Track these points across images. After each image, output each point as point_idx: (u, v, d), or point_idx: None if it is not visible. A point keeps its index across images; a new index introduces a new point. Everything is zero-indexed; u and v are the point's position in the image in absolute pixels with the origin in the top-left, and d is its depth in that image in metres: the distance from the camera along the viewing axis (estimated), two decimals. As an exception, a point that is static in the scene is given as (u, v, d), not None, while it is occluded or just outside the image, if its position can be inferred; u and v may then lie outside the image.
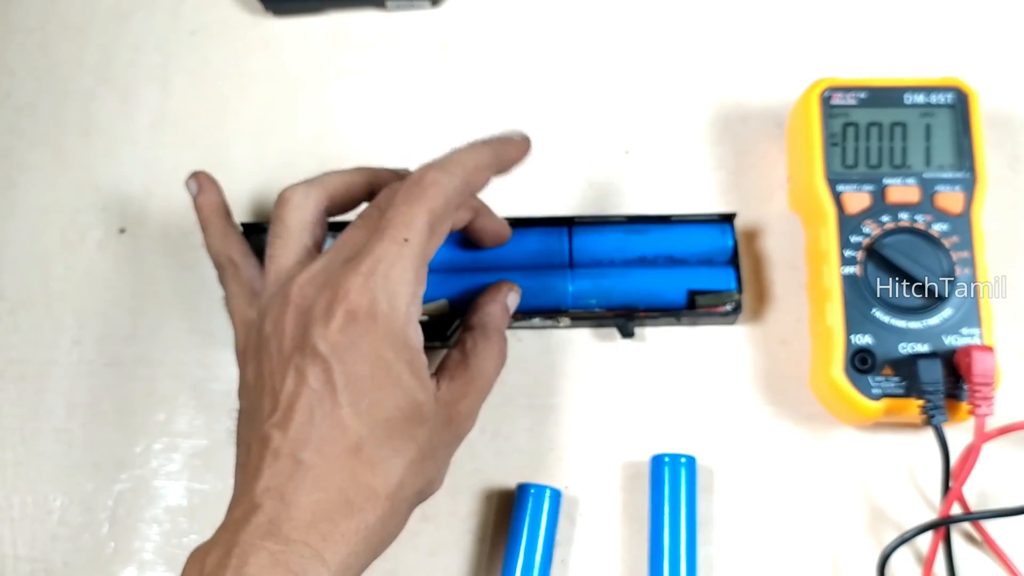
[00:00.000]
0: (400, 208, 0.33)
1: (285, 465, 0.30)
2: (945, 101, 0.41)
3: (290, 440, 0.31)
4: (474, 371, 0.36)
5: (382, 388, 0.31)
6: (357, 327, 0.31)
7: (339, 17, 0.49)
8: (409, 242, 0.32)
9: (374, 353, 0.31)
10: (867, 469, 0.41)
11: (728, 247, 0.42)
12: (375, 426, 0.31)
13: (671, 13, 0.48)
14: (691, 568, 0.38)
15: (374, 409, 0.31)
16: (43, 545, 0.41)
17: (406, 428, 0.32)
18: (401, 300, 0.32)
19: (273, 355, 0.32)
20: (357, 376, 0.31)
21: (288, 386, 0.31)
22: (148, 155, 0.47)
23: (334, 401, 0.31)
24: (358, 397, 0.31)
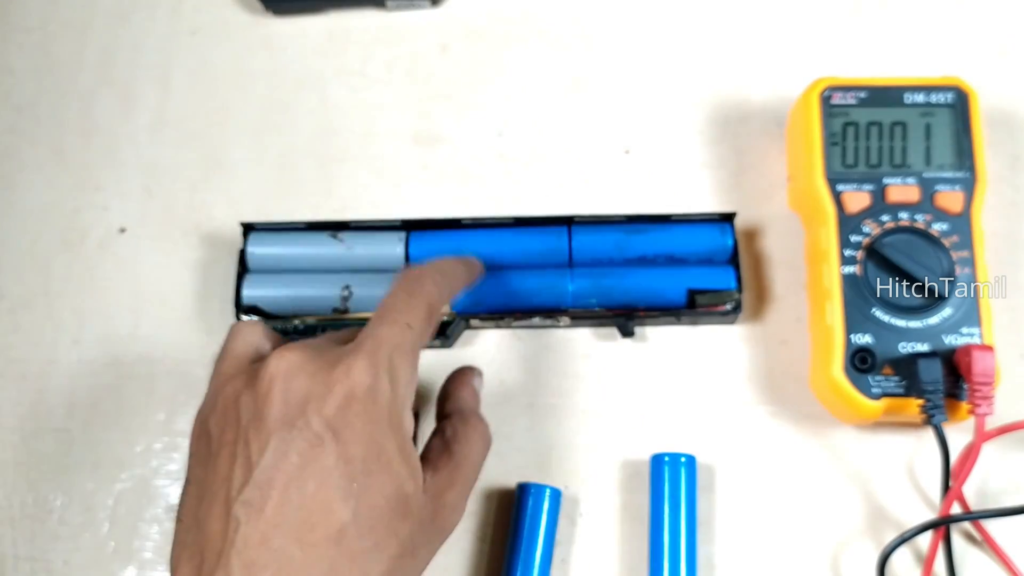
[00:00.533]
0: (401, 297, 0.33)
1: (256, 554, 0.27)
2: (945, 101, 0.41)
3: (264, 522, 0.28)
4: (458, 458, 0.34)
5: (372, 474, 0.29)
6: (356, 406, 0.30)
7: (339, 17, 0.49)
8: (412, 328, 0.32)
9: (369, 435, 0.30)
10: (867, 469, 0.41)
11: (728, 246, 0.42)
12: (360, 514, 0.29)
13: (671, 13, 0.48)
14: (691, 568, 0.38)
15: (363, 494, 0.29)
16: (43, 544, 0.41)
17: (391, 521, 0.30)
18: (402, 383, 0.31)
19: (248, 424, 0.30)
20: (349, 457, 0.29)
21: (268, 459, 0.29)
22: (148, 155, 0.47)
23: (321, 481, 0.28)
24: (348, 480, 0.29)
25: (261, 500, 0.28)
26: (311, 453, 0.29)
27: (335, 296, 0.42)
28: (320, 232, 0.43)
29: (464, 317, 0.42)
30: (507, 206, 0.45)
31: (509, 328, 0.43)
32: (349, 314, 0.42)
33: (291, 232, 0.43)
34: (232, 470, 0.29)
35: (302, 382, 0.30)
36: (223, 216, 0.46)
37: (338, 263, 0.43)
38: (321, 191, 0.46)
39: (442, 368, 0.43)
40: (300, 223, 0.44)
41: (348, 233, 0.43)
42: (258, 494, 0.28)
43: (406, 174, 0.46)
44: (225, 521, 0.28)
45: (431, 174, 0.46)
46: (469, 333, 0.43)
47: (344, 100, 0.48)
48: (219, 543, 0.28)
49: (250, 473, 0.29)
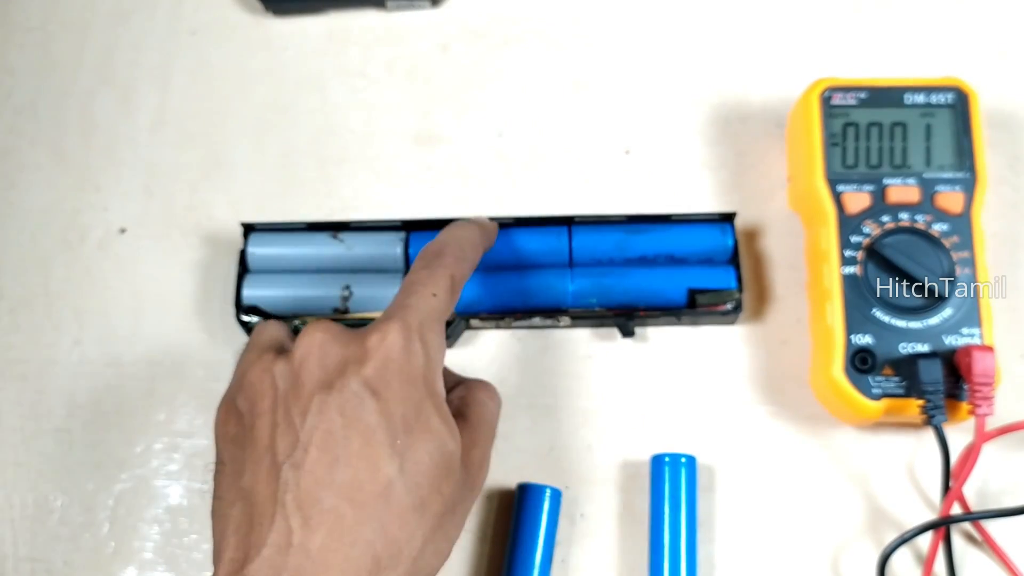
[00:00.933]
0: (423, 272, 0.34)
1: (309, 513, 0.27)
2: (945, 101, 0.41)
3: (314, 481, 0.28)
4: (474, 420, 0.34)
5: (413, 431, 0.30)
6: (392, 367, 0.30)
7: (339, 17, 0.49)
8: (437, 296, 0.33)
9: (407, 395, 0.30)
10: (867, 469, 0.41)
11: (728, 246, 0.42)
12: (406, 470, 0.29)
13: (671, 13, 0.48)
14: (691, 568, 0.38)
15: (407, 451, 0.29)
16: (44, 545, 0.41)
17: (435, 479, 0.30)
18: (433, 347, 0.32)
19: (288, 392, 0.30)
20: (391, 414, 0.29)
21: (311, 420, 0.29)
22: (148, 155, 0.47)
23: (366, 439, 0.29)
24: (392, 436, 0.29)
25: (308, 460, 0.28)
26: (353, 412, 0.29)
27: (335, 296, 0.42)
28: (320, 232, 0.43)
29: (464, 317, 0.42)
30: (507, 206, 0.45)
31: (509, 328, 0.43)
32: (349, 314, 0.42)
33: (291, 232, 0.43)
34: (274, 437, 0.29)
35: (337, 349, 0.31)
36: (223, 216, 0.46)
37: (338, 263, 0.43)
38: (321, 191, 0.46)
39: (442, 368, 0.43)
40: (300, 223, 0.44)
41: (348, 233, 0.43)
42: (304, 454, 0.28)
43: (406, 174, 0.46)
44: (274, 485, 0.28)
45: (431, 174, 0.46)
46: (469, 333, 0.43)
47: (344, 100, 0.48)
48: (270, 507, 0.28)
49: (295, 436, 0.29)
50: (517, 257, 0.43)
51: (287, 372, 0.31)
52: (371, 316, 0.42)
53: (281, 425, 0.30)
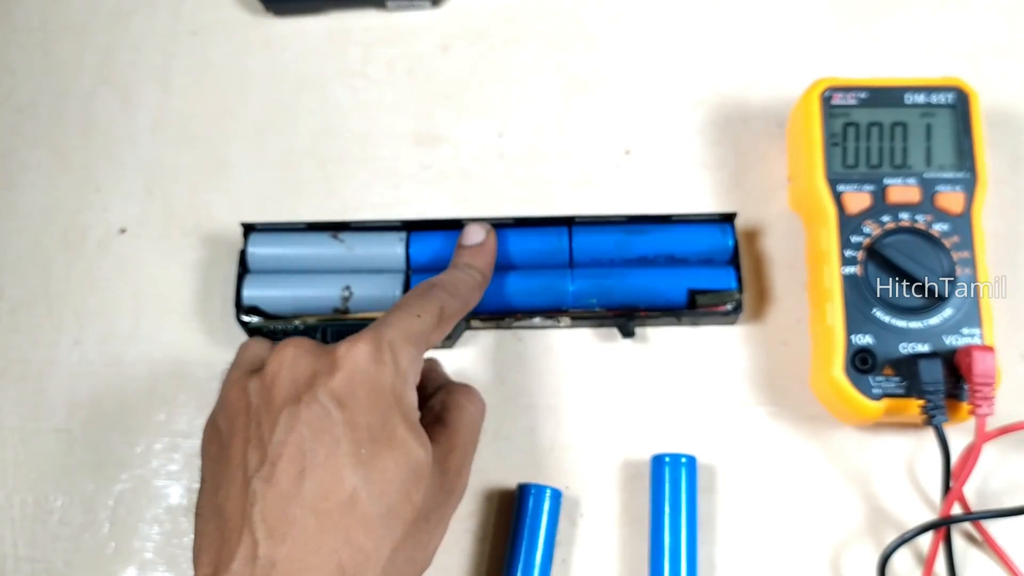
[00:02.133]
0: (412, 297, 0.35)
1: (274, 525, 0.28)
2: (945, 101, 0.41)
3: (279, 493, 0.28)
4: (452, 425, 0.34)
5: (379, 440, 0.30)
6: (359, 378, 0.31)
7: (339, 17, 0.49)
8: (421, 318, 0.34)
9: (373, 404, 0.30)
10: (867, 469, 0.41)
11: (728, 247, 0.42)
12: (371, 479, 0.29)
13: (671, 13, 0.48)
14: (691, 568, 0.38)
15: (371, 460, 0.30)
16: (44, 545, 0.41)
17: (403, 486, 0.30)
18: (404, 358, 0.32)
19: (259, 407, 0.31)
20: (356, 424, 0.30)
21: (279, 434, 0.30)
22: (148, 155, 0.47)
23: (330, 450, 0.29)
24: (356, 446, 0.29)
25: (275, 473, 0.29)
26: (319, 424, 0.29)
27: (335, 296, 0.42)
28: (320, 232, 0.43)
29: (464, 318, 0.42)
30: (507, 206, 0.45)
31: (509, 328, 0.43)
32: (349, 314, 0.42)
33: (292, 232, 0.43)
34: (246, 453, 0.30)
35: (307, 362, 0.31)
36: (223, 216, 0.46)
37: (338, 263, 0.43)
38: (321, 191, 0.46)
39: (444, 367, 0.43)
40: (300, 223, 0.44)
41: (348, 233, 0.43)
42: (271, 468, 0.29)
43: (406, 174, 0.46)
44: (243, 500, 0.29)
45: (431, 174, 0.46)
46: (469, 333, 0.43)
47: (344, 100, 0.48)
48: (239, 521, 0.29)
49: (264, 450, 0.30)
50: (517, 257, 0.43)
51: (260, 388, 0.32)
52: (371, 316, 0.42)
53: (252, 440, 0.30)
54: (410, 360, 0.32)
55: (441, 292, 0.36)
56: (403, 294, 0.42)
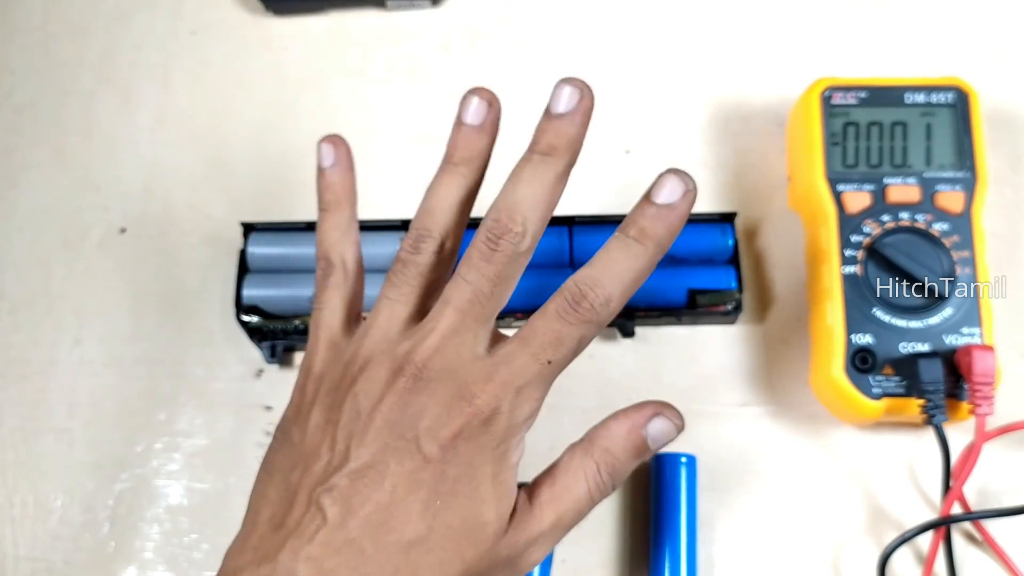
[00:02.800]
0: (553, 325, 0.30)
1: (334, 536, 0.28)
2: (945, 101, 0.41)
3: (348, 510, 0.28)
4: (557, 489, 0.32)
5: (458, 495, 0.29)
6: (467, 434, 0.29)
7: (339, 17, 0.49)
8: (552, 364, 0.31)
9: (469, 460, 0.30)
10: (867, 469, 0.41)
11: (728, 247, 0.42)
12: (434, 530, 0.29)
13: (671, 13, 0.48)
14: (691, 568, 0.38)
15: (441, 512, 0.29)
16: (44, 545, 0.41)
17: (459, 542, 0.29)
18: (522, 416, 0.30)
19: (357, 413, 0.30)
20: (443, 477, 0.29)
21: (364, 455, 0.29)
22: (148, 155, 0.47)
23: (409, 491, 0.29)
24: (434, 496, 0.29)
25: (350, 489, 0.29)
26: (410, 464, 0.29)
27: (335, 296, 0.42)
28: (320, 232, 0.43)
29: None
30: (507, 206, 0.45)
31: (509, 328, 0.43)
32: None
33: (291, 232, 0.43)
34: (332, 447, 0.30)
35: (424, 400, 0.30)
36: (223, 216, 0.46)
37: (338, 263, 0.43)
38: (321, 191, 0.46)
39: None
40: (300, 223, 0.44)
41: (348, 233, 0.43)
42: (348, 483, 0.29)
43: (406, 174, 0.46)
44: (314, 498, 0.29)
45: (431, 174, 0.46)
46: (469, 333, 0.43)
47: (344, 100, 0.48)
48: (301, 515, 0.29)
49: (346, 459, 0.29)
50: (517, 257, 0.43)
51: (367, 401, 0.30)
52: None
53: (340, 439, 0.30)
54: (528, 413, 0.31)
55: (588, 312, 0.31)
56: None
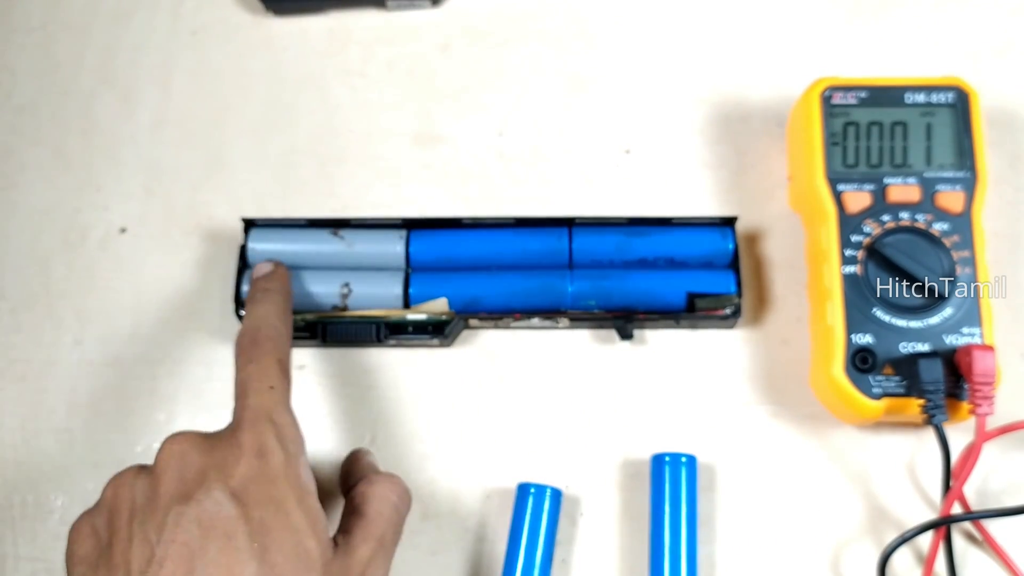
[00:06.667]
0: (250, 368, 0.35)
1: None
2: (946, 100, 0.41)
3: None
4: (369, 516, 0.34)
5: (272, 531, 0.30)
6: (251, 472, 0.31)
7: (339, 17, 0.49)
8: (274, 388, 0.34)
9: (267, 495, 0.31)
10: (868, 469, 0.41)
11: (728, 250, 0.42)
12: (263, 569, 0.29)
13: (671, 13, 0.48)
14: (691, 568, 0.38)
15: (264, 553, 0.29)
16: (44, 544, 0.41)
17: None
18: (288, 440, 0.32)
19: (145, 505, 0.30)
20: (249, 518, 0.30)
21: (167, 533, 0.29)
22: (148, 155, 0.47)
23: (222, 545, 0.29)
24: (248, 540, 0.29)
25: (164, 574, 0.28)
26: (211, 522, 0.29)
27: (335, 293, 0.42)
28: (321, 229, 0.43)
29: (463, 317, 0.42)
30: (507, 206, 0.45)
31: (508, 328, 0.43)
32: (348, 312, 0.42)
33: (292, 229, 0.43)
34: (130, 553, 0.30)
35: (196, 459, 0.31)
36: (224, 216, 0.46)
37: (338, 260, 0.43)
38: (322, 191, 0.46)
39: (443, 368, 0.43)
40: (301, 220, 0.44)
41: (349, 231, 0.43)
42: (159, 569, 0.29)
43: (406, 174, 0.46)
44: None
45: (431, 174, 0.46)
46: (468, 333, 0.43)
47: (345, 100, 0.48)
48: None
49: (151, 551, 0.29)
50: (517, 257, 0.43)
51: (146, 486, 0.31)
52: (370, 314, 0.42)
53: (136, 541, 0.30)
54: (293, 436, 0.33)
55: (267, 345, 0.36)
56: (402, 292, 0.42)
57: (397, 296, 0.42)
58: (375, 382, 0.43)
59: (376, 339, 0.42)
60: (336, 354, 0.44)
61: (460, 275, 0.42)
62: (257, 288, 0.40)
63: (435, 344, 0.43)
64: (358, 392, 0.43)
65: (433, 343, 0.43)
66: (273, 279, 0.40)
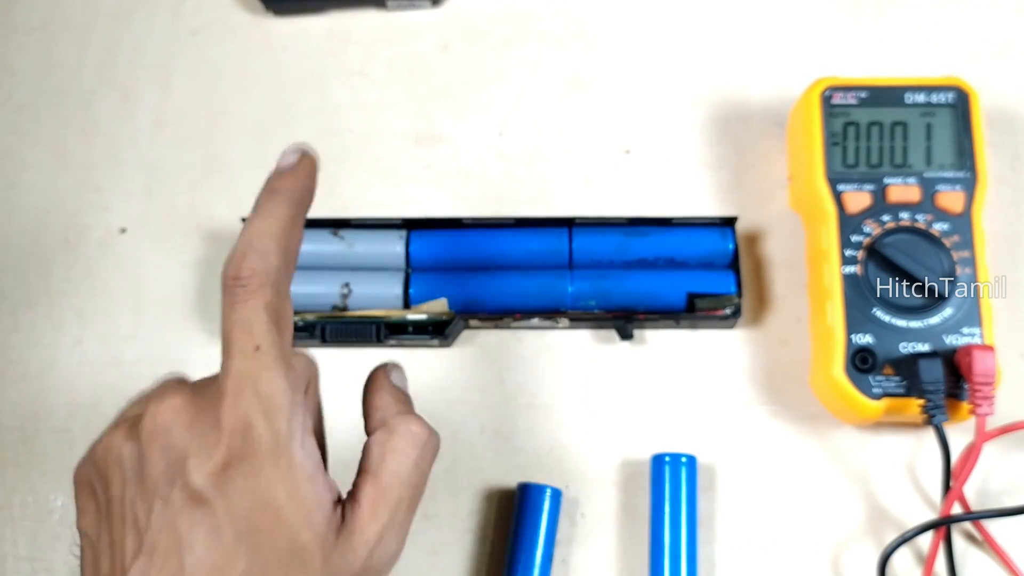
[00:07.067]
0: (232, 318, 0.29)
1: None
2: (946, 100, 0.41)
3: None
4: (383, 480, 0.29)
5: (260, 529, 0.27)
6: (234, 459, 0.27)
7: (339, 17, 0.49)
8: (261, 348, 0.28)
9: (253, 487, 0.27)
10: (868, 469, 0.41)
11: (728, 251, 0.42)
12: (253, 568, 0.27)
13: (671, 13, 0.48)
14: (691, 568, 0.38)
15: (252, 552, 0.27)
16: (44, 545, 0.41)
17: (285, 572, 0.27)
18: (280, 417, 0.28)
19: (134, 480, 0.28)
20: (235, 514, 0.27)
21: (155, 523, 0.27)
22: (148, 155, 0.47)
23: (208, 544, 0.27)
24: (236, 539, 0.27)
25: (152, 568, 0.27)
26: (196, 515, 0.27)
27: (334, 293, 0.42)
28: (321, 229, 0.43)
29: (463, 317, 0.42)
30: (507, 206, 0.45)
31: (508, 328, 0.43)
32: (348, 312, 0.42)
33: (291, 231, 0.43)
34: (123, 533, 0.28)
35: (179, 433, 0.28)
36: (224, 216, 0.46)
37: (338, 260, 0.43)
38: (322, 191, 0.46)
39: (444, 369, 0.43)
40: (301, 222, 0.44)
41: (349, 231, 0.43)
42: (148, 561, 0.27)
43: (406, 174, 0.46)
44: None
45: (431, 174, 0.46)
46: (468, 333, 0.43)
47: (345, 100, 0.48)
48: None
49: (140, 538, 0.28)
50: (517, 258, 0.43)
51: (133, 459, 0.29)
52: (369, 314, 0.42)
53: (128, 521, 0.28)
54: (288, 411, 0.28)
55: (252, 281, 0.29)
56: (402, 293, 0.42)
57: (397, 296, 0.42)
58: (375, 382, 0.43)
59: (376, 339, 0.42)
60: (336, 354, 0.43)
61: (460, 275, 0.42)
62: (264, 189, 0.32)
63: (435, 344, 0.43)
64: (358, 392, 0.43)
65: (433, 343, 0.43)
66: (288, 177, 0.32)
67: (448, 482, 0.41)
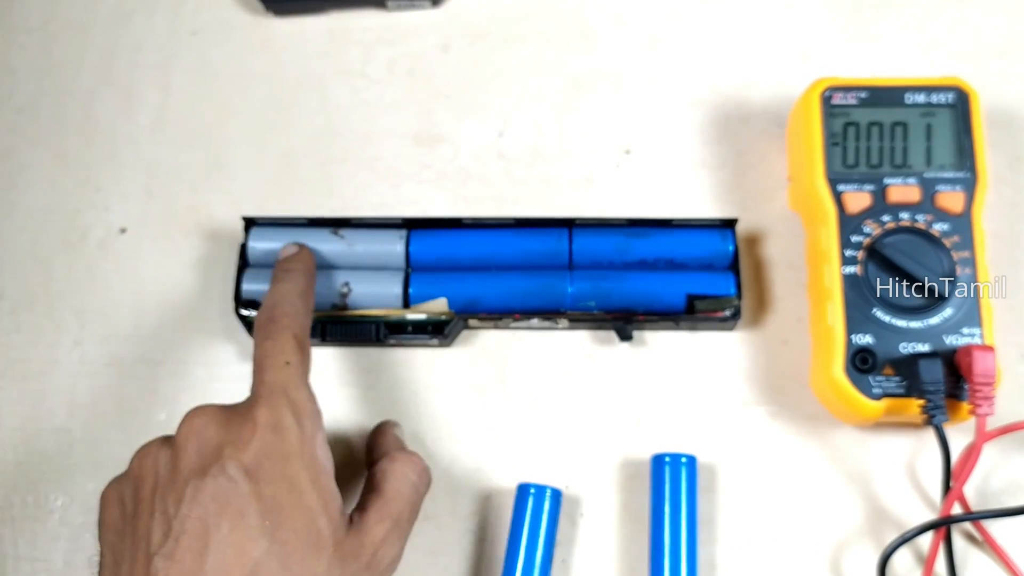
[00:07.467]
0: (267, 344, 0.35)
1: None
2: (946, 101, 0.41)
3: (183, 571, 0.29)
4: (387, 494, 0.34)
5: (283, 509, 0.30)
6: (266, 448, 0.31)
7: (339, 17, 0.49)
8: (290, 364, 0.34)
9: (281, 472, 0.31)
10: (868, 469, 0.41)
11: (729, 252, 0.42)
12: (272, 551, 0.30)
13: (671, 13, 0.48)
14: (691, 568, 0.38)
15: (275, 530, 0.30)
16: (44, 545, 0.41)
17: (304, 557, 0.30)
18: (305, 416, 0.33)
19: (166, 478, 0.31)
20: (262, 496, 0.30)
21: (184, 508, 0.30)
22: (148, 155, 0.47)
23: (234, 523, 0.30)
24: (260, 518, 0.30)
25: (177, 549, 0.29)
26: (225, 497, 0.30)
27: (334, 293, 0.42)
28: (321, 228, 0.43)
29: (463, 317, 0.42)
30: (507, 206, 0.45)
31: (508, 328, 0.43)
32: (348, 311, 0.42)
33: (292, 227, 0.43)
34: (151, 526, 0.30)
35: (214, 433, 0.32)
36: (224, 216, 0.46)
37: (339, 260, 0.43)
38: (322, 191, 0.46)
39: (443, 368, 0.43)
40: (302, 219, 0.44)
41: (349, 230, 0.43)
42: (174, 544, 0.29)
43: (407, 174, 0.46)
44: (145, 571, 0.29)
45: (431, 174, 0.46)
46: (468, 333, 0.43)
47: (345, 100, 0.48)
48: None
49: (168, 525, 0.30)
50: (517, 258, 0.43)
51: (168, 460, 0.32)
52: (369, 313, 0.42)
53: (157, 514, 0.31)
54: (310, 411, 0.33)
55: (284, 320, 0.36)
56: (402, 292, 0.42)
57: (397, 296, 0.42)
58: (375, 382, 0.43)
59: (376, 339, 0.42)
60: (336, 354, 0.44)
61: (460, 275, 0.42)
62: (279, 268, 0.40)
63: (435, 344, 0.43)
64: (358, 392, 0.43)
65: (433, 343, 0.43)
66: (296, 260, 0.40)
67: (448, 482, 0.41)
